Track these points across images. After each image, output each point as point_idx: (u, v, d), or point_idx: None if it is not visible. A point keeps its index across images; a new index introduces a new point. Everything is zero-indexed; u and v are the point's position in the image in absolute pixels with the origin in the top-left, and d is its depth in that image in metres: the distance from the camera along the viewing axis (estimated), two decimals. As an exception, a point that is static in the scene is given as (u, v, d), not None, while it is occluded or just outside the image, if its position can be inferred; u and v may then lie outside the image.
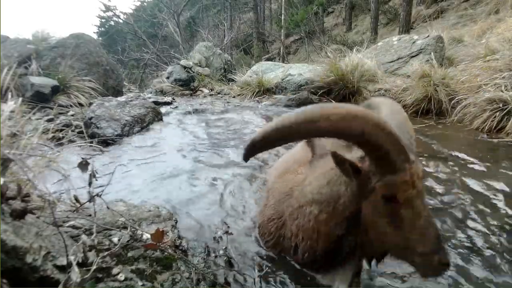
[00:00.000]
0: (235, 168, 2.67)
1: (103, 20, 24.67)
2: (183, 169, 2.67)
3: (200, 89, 8.00)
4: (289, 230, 1.32)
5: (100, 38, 21.59)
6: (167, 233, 1.31)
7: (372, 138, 0.93)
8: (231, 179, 2.44)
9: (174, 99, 6.26)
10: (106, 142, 3.29)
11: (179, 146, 3.28)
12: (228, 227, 1.44)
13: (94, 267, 0.94)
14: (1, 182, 0.91)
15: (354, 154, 1.11)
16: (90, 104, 4.27)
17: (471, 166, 2.43)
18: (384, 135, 0.93)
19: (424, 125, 3.51)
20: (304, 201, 1.25)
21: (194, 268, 1.15)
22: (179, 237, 1.42)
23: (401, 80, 4.92)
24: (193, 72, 8.27)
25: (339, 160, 1.04)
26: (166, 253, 1.16)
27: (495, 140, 2.94)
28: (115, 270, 1.01)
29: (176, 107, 5.51)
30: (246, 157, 1.04)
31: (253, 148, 1.00)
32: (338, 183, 1.14)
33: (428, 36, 5.88)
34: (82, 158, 1.16)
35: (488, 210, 1.83)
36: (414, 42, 5.94)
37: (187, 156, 3.01)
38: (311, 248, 1.23)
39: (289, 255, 1.36)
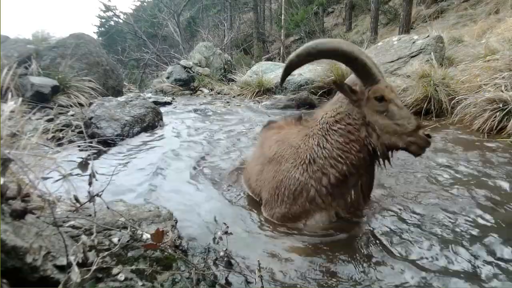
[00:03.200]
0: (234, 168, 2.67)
1: (103, 20, 24.67)
2: (182, 170, 2.67)
3: (200, 89, 8.00)
4: (320, 158, 1.65)
5: (100, 38, 21.56)
6: (167, 233, 1.30)
7: (358, 57, 1.48)
8: (231, 178, 2.44)
9: (174, 99, 6.27)
10: (106, 142, 3.29)
11: (178, 147, 3.28)
12: (228, 227, 1.43)
13: (94, 267, 0.93)
14: (1, 182, 0.91)
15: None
16: (90, 104, 4.28)
17: (471, 167, 2.43)
18: (364, 57, 1.49)
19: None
20: (328, 125, 1.66)
21: (194, 268, 1.15)
22: (179, 237, 1.42)
23: (401, 80, 4.91)
24: (193, 72, 8.28)
25: (339, 84, 1.56)
26: (166, 253, 1.16)
27: (495, 140, 2.94)
28: (115, 270, 1.00)
29: (176, 107, 5.51)
30: (287, 73, 1.63)
31: (290, 67, 1.59)
32: (346, 103, 1.62)
33: (428, 36, 5.87)
34: (82, 158, 1.16)
35: (485, 212, 1.83)
36: (414, 42, 5.93)
37: (186, 156, 3.01)
38: (347, 159, 1.59)
39: (316, 194, 1.65)
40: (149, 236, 1.15)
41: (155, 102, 5.11)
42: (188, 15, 19.14)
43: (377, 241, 1.61)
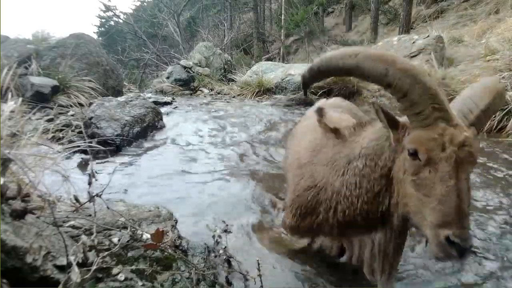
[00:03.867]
0: (233, 169, 2.67)
1: (103, 20, 24.63)
2: (182, 170, 2.67)
3: (200, 89, 8.00)
4: (330, 191, 1.33)
5: (100, 38, 21.52)
6: (167, 233, 1.30)
7: (397, 82, 0.92)
8: (230, 180, 2.44)
9: (174, 99, 6.25)
10: (107, 142, 3.29)
11: (178, 146, 3.28)
12: (227, 225, 1.43)
13: (94, 267, 0.93)
14: (1, 182, 0.91)
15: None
16: (90, 104, 4.27)
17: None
18: (411, 81, 0.91)
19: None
20: (353, 156, 1.24)
21: (194, 268, 1.15)
22: (179, 237, 1.42)
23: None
24: (193, 72, 8.28)
25: (376, 108, 1.04)
26: (166, 253, 1.16)
27: (495, 140, 2.94)
28: (115, 270, 1.01)
29: (176, 107, 5.51)
30: (304, 88, 1.30)
31: (305, 80, 1.20)
32: (384, 138, 1.12)
33: (428, 36, 5.87)
34: (82, 158, 1.16)
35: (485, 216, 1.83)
36: (414, 42, 5.93)
37: (186, 157, 3.01)
38: (351, 205, 1.22)
39: (323, 222, 1.37)
40: (149, 236, 1.16)
41: (155, 102, 5.11)
42: (188, 15, 19.13)
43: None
